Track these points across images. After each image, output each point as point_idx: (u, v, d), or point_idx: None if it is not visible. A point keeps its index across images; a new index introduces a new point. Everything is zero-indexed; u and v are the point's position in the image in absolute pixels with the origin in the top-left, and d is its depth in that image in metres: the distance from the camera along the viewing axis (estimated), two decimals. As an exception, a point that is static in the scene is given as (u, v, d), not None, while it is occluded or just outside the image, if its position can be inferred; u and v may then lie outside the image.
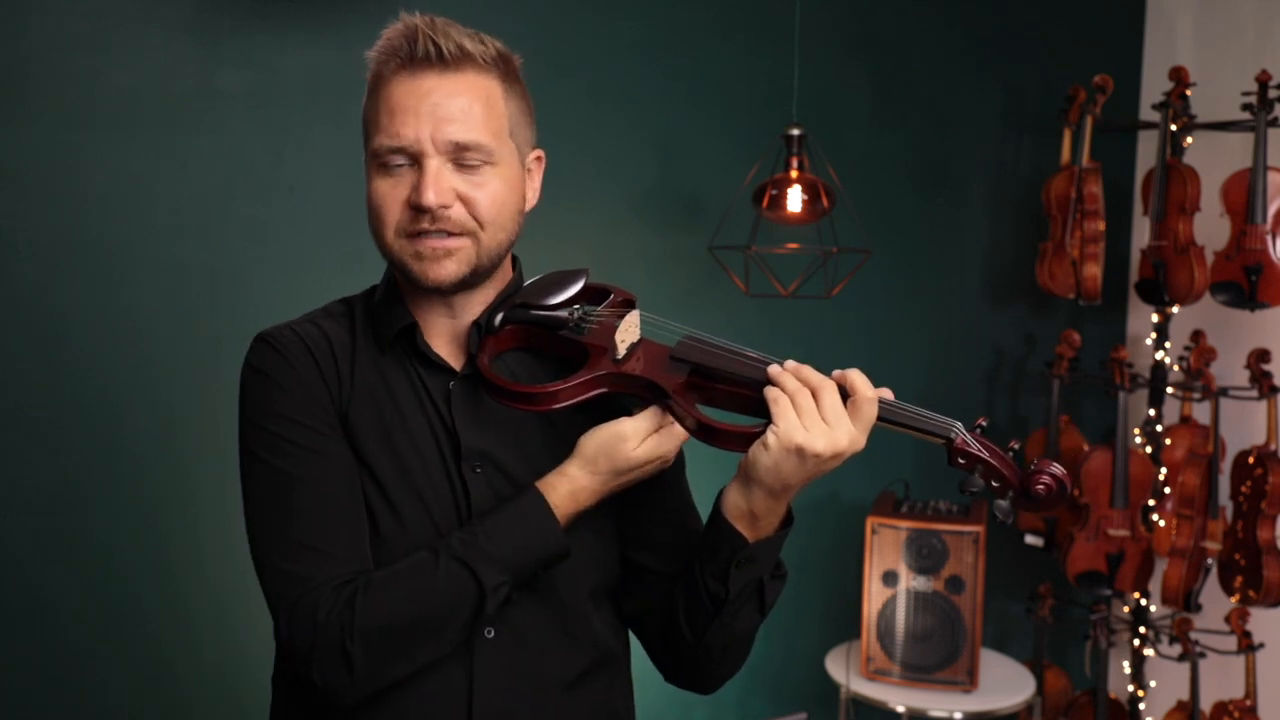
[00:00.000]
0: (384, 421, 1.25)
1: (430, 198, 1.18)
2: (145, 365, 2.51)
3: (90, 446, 2.48)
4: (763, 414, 1.16)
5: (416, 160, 1.20)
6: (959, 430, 1.15)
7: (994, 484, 1.15)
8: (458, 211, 1.21)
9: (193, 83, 2.50)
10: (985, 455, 1.14)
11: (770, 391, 1.14)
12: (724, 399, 1.21)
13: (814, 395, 1.13)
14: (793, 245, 2.84)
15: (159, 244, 2.51)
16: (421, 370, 1.27)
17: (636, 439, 1.20)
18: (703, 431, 1.18)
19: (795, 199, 2.70)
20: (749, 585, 1.22)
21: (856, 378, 1.15)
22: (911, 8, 3.31)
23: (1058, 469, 1.14)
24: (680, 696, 3.04)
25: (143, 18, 2.45)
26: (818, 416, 1.12)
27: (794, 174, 2.69)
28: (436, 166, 1.19)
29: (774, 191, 2.70)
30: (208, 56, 2.51)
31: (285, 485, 1.21)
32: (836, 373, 1.16)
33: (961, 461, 1.15)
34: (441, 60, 1.19)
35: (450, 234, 1.21)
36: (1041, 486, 1.14)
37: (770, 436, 1.13)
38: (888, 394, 1.17)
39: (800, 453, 1.12)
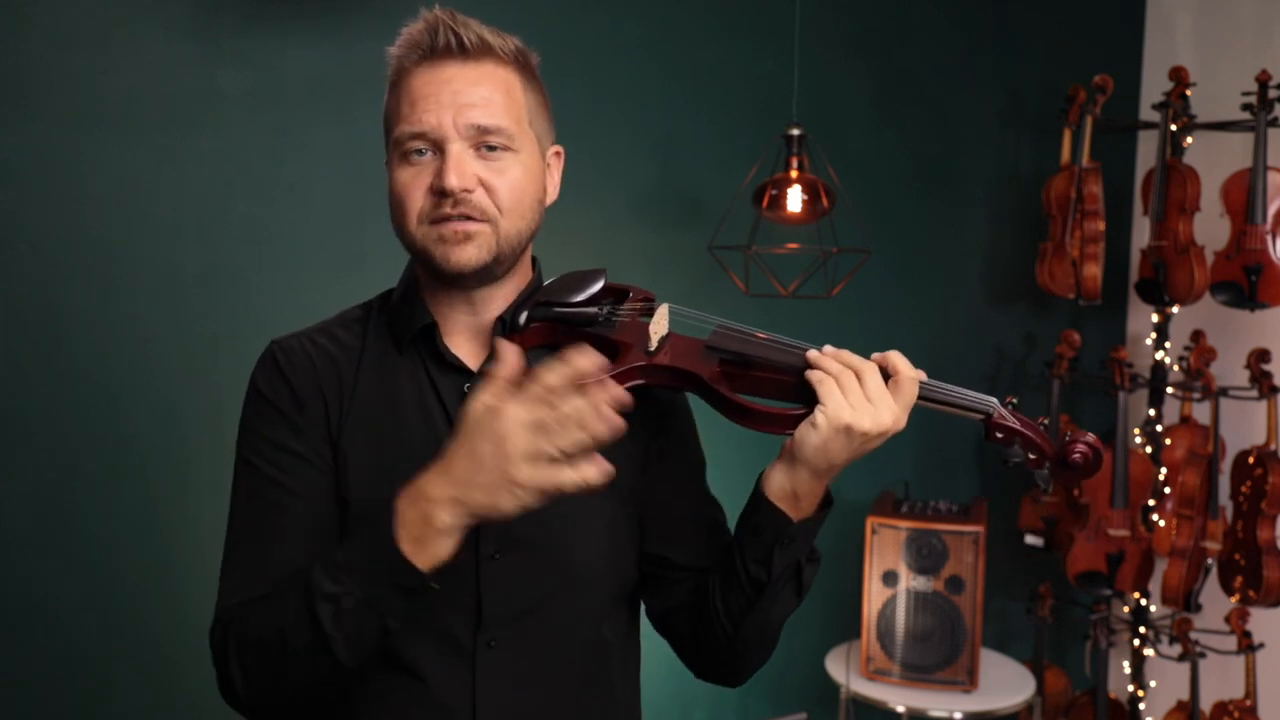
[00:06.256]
0: (380, 437, 1.24)
1: (453, 180, 1.18)
2: (145, 365, 2.51)
3: (90, 446, 2.48)
4: (800, 399, 1.18)
5: (438, 147, 1.20)
6: (996, 405, 1.20)
7: (1031, 455, 1.20)
8: (479, 196, 1.21)
9: (193, 83, 2.50)
10: (1021, 428, 1.19)
11: (814, 374, 1.16)
12: (760, 386, 1.22)
13: (857, 376, 1.16)
14: (793, 245, 2.84)
15: (159, 244, 2.51)
16: (435, 373, 1.26)
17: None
18: (746, 416, 1.18)
19: (795, 199, 2.70)
20: (788, 568, 1.23)
21: (897, 358, 1.19)
22: (911, 8, 3.31)
23: (1091, 437, 1.19)
24: (680, 696, 3.04)
25: (143, 18, 2.45)
26: (863, 396, 1.15)
27: (794, 174, 2.69)
28: (459, 150, 1.20)
29: (774, 191, 2.70)
30: (208, 57, 2.51)
31: (258, 506, 1.22)
32: (876, 355, 1.19)
33: (999, 436, 1.19)
34: (463, 50, 1.21)
35: (471, 219, 1.21)
36: (1078, 455, 1.19)
37: (819, 416, 1.15)
38: (922, 375, 1.20)
39: (848, 431, 1.14)
